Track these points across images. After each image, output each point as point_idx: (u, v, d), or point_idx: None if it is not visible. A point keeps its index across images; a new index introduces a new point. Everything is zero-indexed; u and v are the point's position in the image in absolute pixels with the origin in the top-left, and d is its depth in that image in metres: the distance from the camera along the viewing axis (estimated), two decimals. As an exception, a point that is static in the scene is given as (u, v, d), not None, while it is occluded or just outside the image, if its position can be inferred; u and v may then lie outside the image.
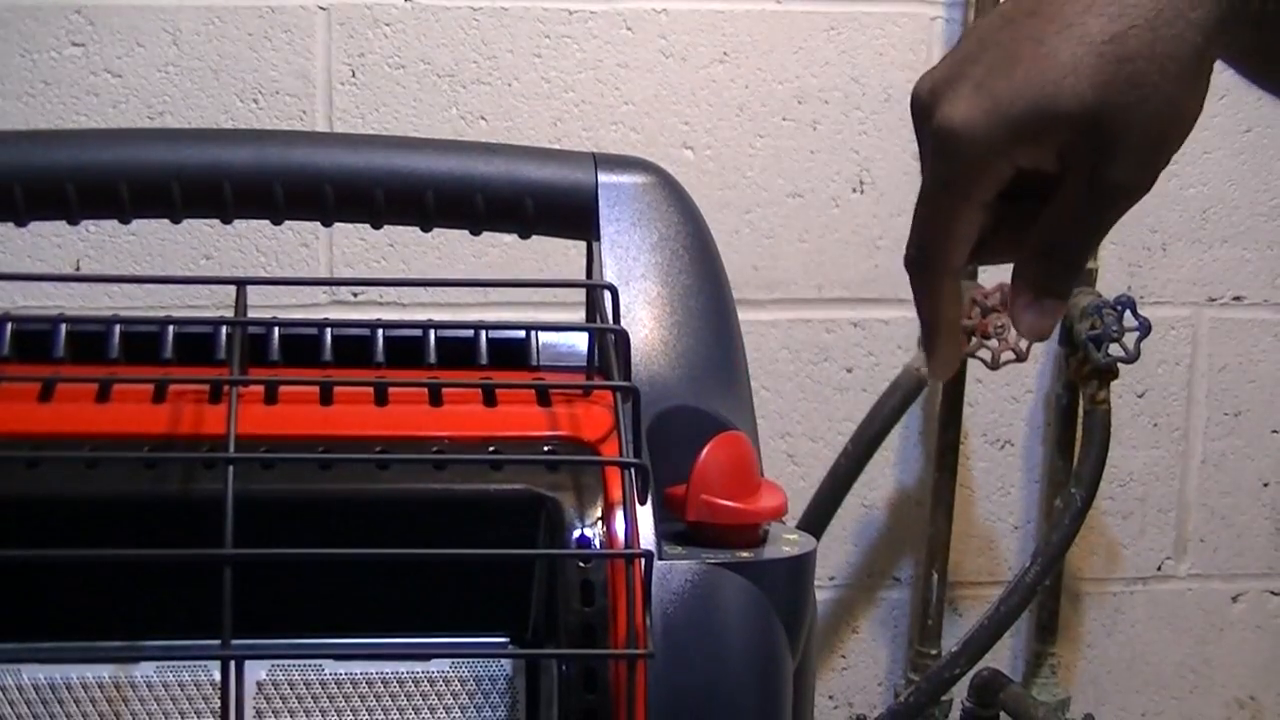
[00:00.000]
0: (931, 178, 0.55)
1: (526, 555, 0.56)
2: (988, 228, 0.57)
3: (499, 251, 1.37)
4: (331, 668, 0.55)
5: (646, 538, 0.54)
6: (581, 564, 0.54)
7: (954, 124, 0.53)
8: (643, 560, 0.53)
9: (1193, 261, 1.52)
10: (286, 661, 0.55)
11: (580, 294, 0.71)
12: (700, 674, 0.54)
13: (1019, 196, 0.56)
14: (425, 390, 0.59)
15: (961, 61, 0.55)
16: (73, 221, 0.63)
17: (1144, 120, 0.53)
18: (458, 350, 0.63)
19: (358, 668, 0.55)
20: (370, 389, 0.59)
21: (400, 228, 0.65)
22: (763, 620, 0.55)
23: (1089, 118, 0.52)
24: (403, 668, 0.55)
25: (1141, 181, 0.55)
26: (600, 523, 0.55)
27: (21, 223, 0.62)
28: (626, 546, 0.54)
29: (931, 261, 0.57)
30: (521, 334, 0.64)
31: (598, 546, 0.54)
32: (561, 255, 1.30)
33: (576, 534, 0.55)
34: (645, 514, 0.55)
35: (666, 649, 0.53)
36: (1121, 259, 1.50)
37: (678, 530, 0.57)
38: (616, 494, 0.55)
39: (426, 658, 0.56)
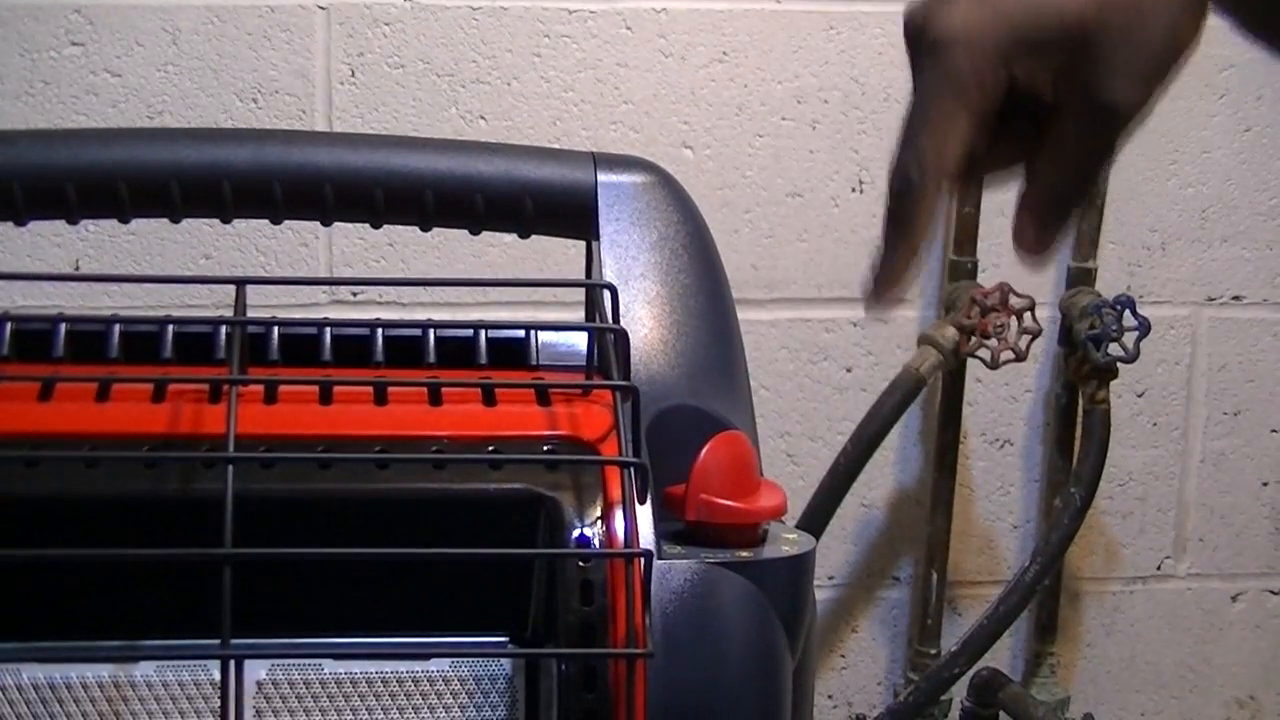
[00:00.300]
0: (929, 85, 0.55)
1: (526, 555, 0.56)
2: (982, 147, 0.57)
3: (498, 251, 1.37)
4: (331, 667, 0.55)
5: (646, 537, 0.54)
6: (581, 563, 0.54)
7: (953, 28, 0.54)
8: (642, 560, 0.53)
9: (1192, 261, 1.52)
10: (286, 661, 0.55)
11: (580, 293, 0.71)
12: (699, 673, 0.54)
13: (1014, 118, 0.56)
14: (425, 390, 0.59)
15: None
16: (72, 221, 0.63)
17: (1141, 38, 0.54)
18: (457, 350, 0.63)
19: (357, 667, 0.55)
20: (370, 388, 0.59)
21: (400, 227, 0.65)
22: (762, 619, 0.55)
23: (1087, 28, 0.53)
24: (402, 667, 0.55)
25: (1136, 101, 0.55)
26: (600, 522, 0.55)
27: (21, 222, 0.62)
28: (626, 546, 0.54)
29: (926, 172, 0.56)
30: (521, 333, 0.64)
31: (597, 546, 0.54)
32: (561, 255, 1.30)
33: (576, 533, 0.55)
34: (645, 513, 0.55)
35: (666, 648, 0.53)
36: (1121, 258, 1.50)
37: (677, 530, 0.57)
38: (616, 493, 0.55)
39: (426, 657, 0.56)
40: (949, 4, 0.55)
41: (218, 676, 0.51)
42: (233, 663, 0.51)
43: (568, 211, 0.64)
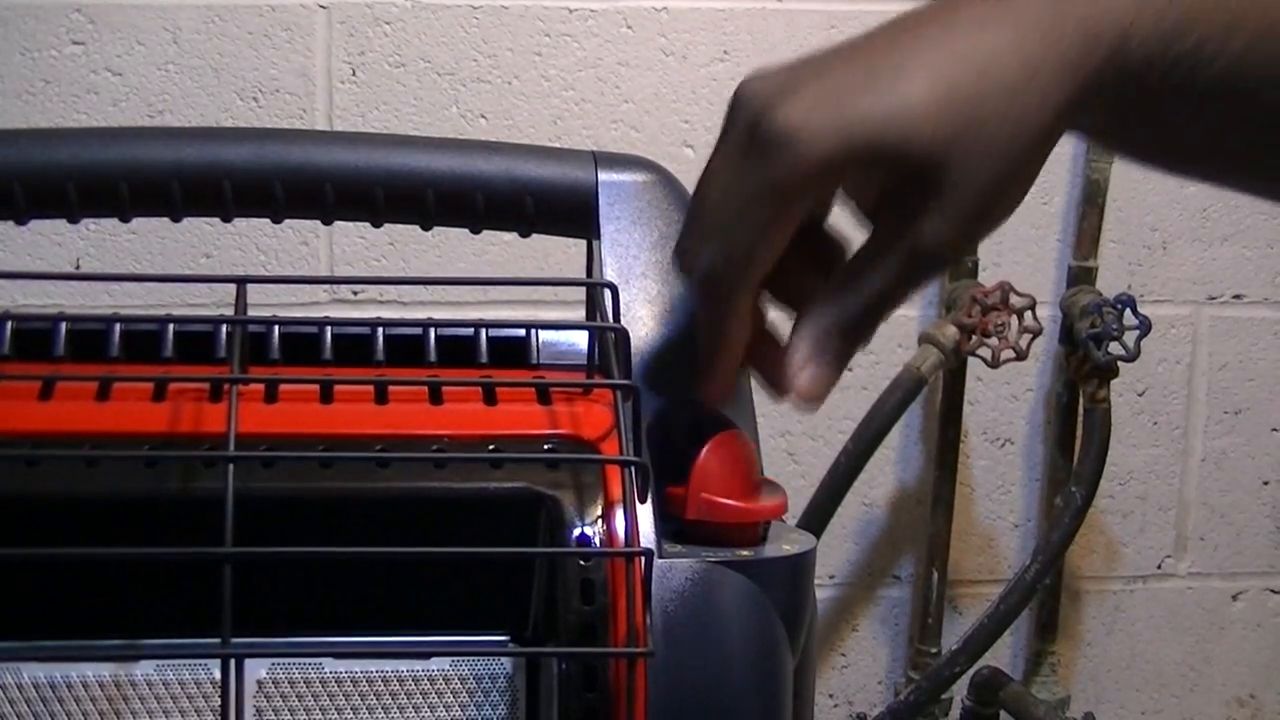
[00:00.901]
0: (755, 179, 0.52)
1: (526, 554, 0.56)
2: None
3: (499, 249, 1.37)
4: (332, 666, 0.55)
5: (646, 536, 0.54)
6: (581, 562, 0.54)
7: (793, 123, 0.50)
8: (643, 559, 0.53)
9: (1193, 260, 1.52)
10: (287, 660, 0.55)
11: (580, 292, 0.71)
12: (700, 672, 0.54)
13: (808, 238, 0.54)
14: (425, 389, 0.59)
15: (806, 72, 0.52)
16: (73, 220, 0.63)
17: (980, 184, 0.51)
18: (458, 348, 0.63)
19: (358, 666, 0.55)
20: (370, 387, 0.59)
21: (400, 226, 0.65)
22: (763, 619, 0.55)
23: (933, 160, 0.50)
24: (403, 666, 0.55)
25: (953, 247, 0.53)
26: (600, 521, 0.55)
27: (21, 221, 0.62)
28: (626, 545, 0.54)
29: (737, 273, 0.53)
30: (522, 332, 0.64)
31: (598, 545, 0.54)
32: (562, 253, 1.30)
33: (576, 532, 0.54)
34: (645, 512, 0.55)
35: (666, 647, 0.53)
36: (1121, 257, 1.50)
37: (678, 529, 0.57)
38: (616, 492, 0.55)
39: (426, 656, 0.56)
40: (791, 95, 0.51)
41: (218, 675, 0.51)
42: (233, 661, 0.51)
43: (568, 210, 0.64)
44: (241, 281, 0.59)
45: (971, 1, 0.52)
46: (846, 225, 0.56)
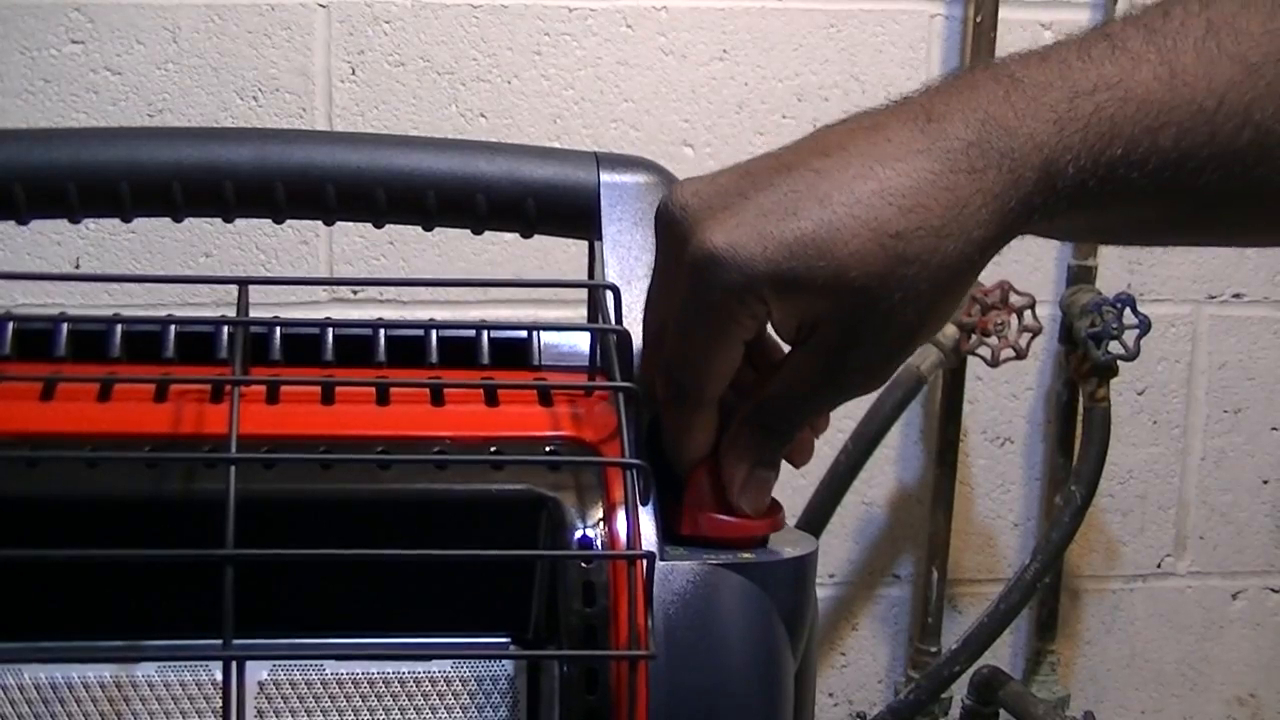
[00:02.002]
0: (694, 308, 0.52)
1: (528, 556, 0.56)
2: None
3: (500, 250, 1.37)
4: (333, 667, 0.55)
5: (648, 538, 0.54)
6: (583, 565, 0.54)
7: (719, 249, 0.50)
8: (644, 561, 0.53)
9: (1192, 259, 1.52)
10: (288, 661, 0.55)
11: (582, 292, 0.71)
12: (701, 675, 0.54)
13: None
14: (427, 390, 0.59)
15: (728, 192, 0.52)
16: (73, 220, 0.63)
17: (904, 320, 0.51)
18: (459, 350, 0.62)
19: (359, 668, 0.55)
20: (372, 389, 0.58)
21: (401, 226, 0.65)
22: (764, 621, 0.55)
23: (856, 300, 0.50)
24: (404, 668, 0.55)
25: (878, 375, 0.53)
26: (602, 523, 0.55)
27: (22, 221, 0.62)
28: (628, 547, 0.54)
29: (691, 396, 0.54)
30: (523, 334, 0.64)
31: (599, 547, 0.54)
32: (562, 253, 1.30)
33: (578, 535, 0.54)
34: (647, 515, 0.55)
35: (668, 650, 0.53)
36: (1121, 256, 1.50)
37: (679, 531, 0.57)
38: (618, 494, 0.55)
39: (428, 658, 0.55)
40: (716, 220, 0.51)
41: (219, 677, 0.51)
42: (235, 663, 0.51)
43: (570, 211, 0.64)
44: (243, 282, 0.59)
45: (896, 123, 0.52)
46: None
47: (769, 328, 0.54)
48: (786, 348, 0.55)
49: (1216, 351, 1.54)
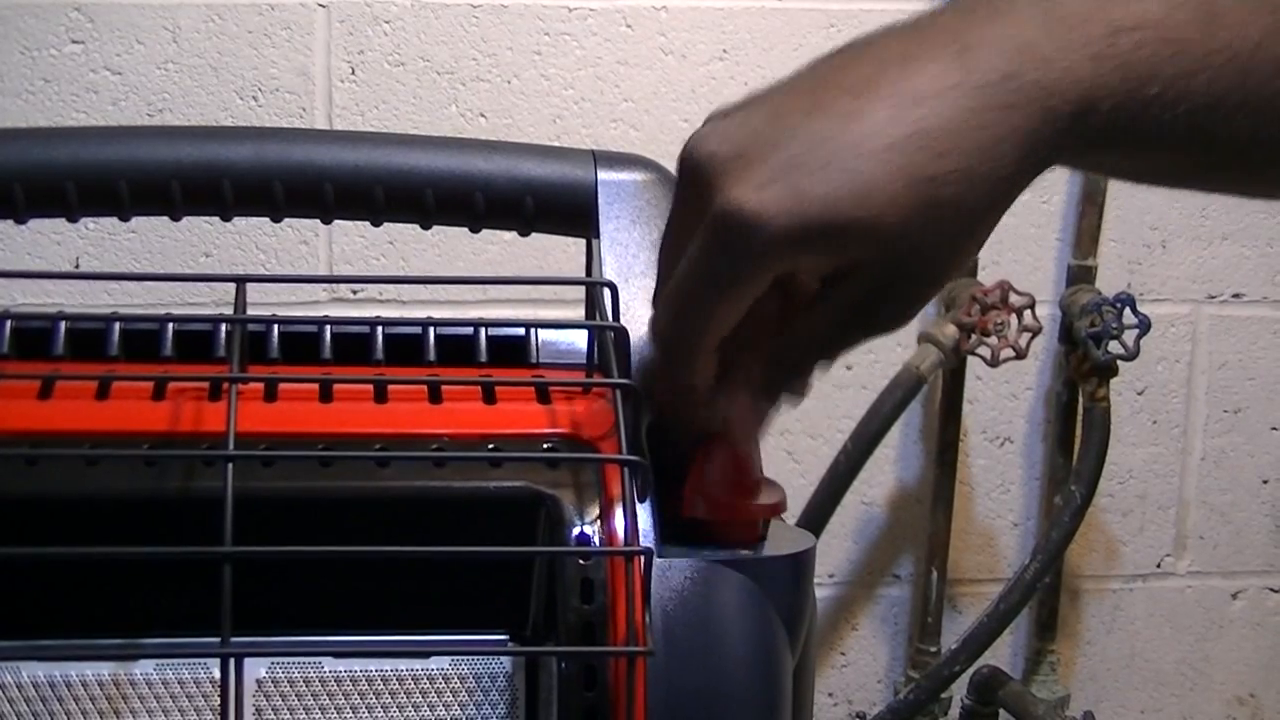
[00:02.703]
0: (707, 264, 0.51)
1: (526, 553, 0.56)
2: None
3: (498, 248, 1.37)
4: (331, 665, 0.55)
5: (646, 535, 0.54)
6: (581, 561, 0.54)
7: (746, 212, 0.49)
8: (642, 558, 0.53)
9: (1192, 258, 1.52)
10: (286, 659, 0.55)
11: (580, 291, 0.71)
12: (699, 672, 0.54)
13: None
14: (425, 388, 0.59)
15: (759, 139, 0.51)
16: (72, 219, 0.63)
17: (935, 264, 0.51)
18: (457, 347, 0.63)
19: (357, 665, 0.55)
20: (370, 386, 0.59)
21: (400, 225, 0.65)
22: (762, 618, 0.55)
23: (889, 248, 0.49)
24: (402, 665, 0.55)
25: (903, 319, 0.53)
26: (600, 520, 0.55)
27: (21, 220, 0.62)
28: (626, 544, 0.54)
29: (691, 344, 0.53)
30: (521, 331, 0.64)
31: (597, 544, 0.54)
32: (561, 252, 1.30)
33: (576, 531, 0.54)
34: (645, 511, 0.55)
35: (666, 646, 0.53)
36: (1121, 256, 1.50)
37: (677, 528, 0.57)
38: (616, 491, 0.55)
39: (426, 655, 0.56)
40: (746, 172, 0.50)
41: (218, 674, 0.51)
42: (233, 660, 0.51)
43: (568, 209, 0.64)
44: (241, 280, 0.59)
45: (927, 54, 0.50)
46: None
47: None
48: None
49: (1216, 351, 1.54)
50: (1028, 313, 1.39)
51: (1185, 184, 0.58)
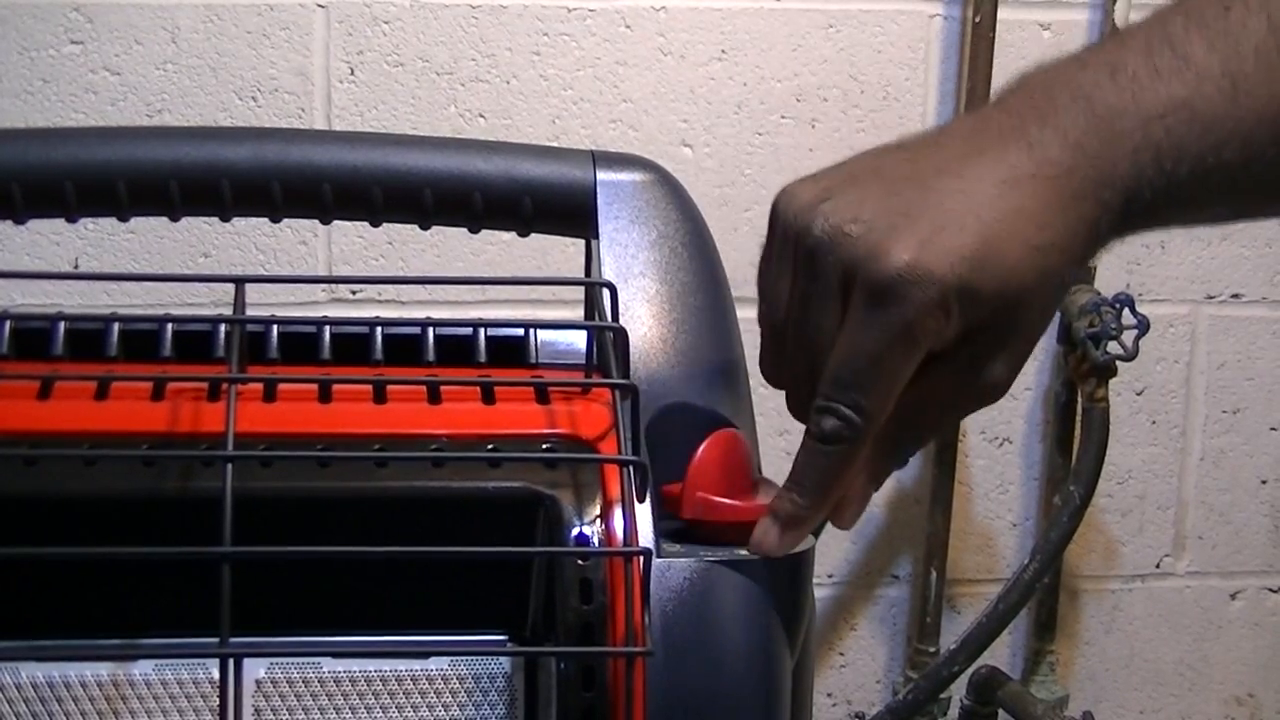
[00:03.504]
0: (880, 328, 0.52)
1: (525, 553, 0.56)
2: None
3: (497, 249, 1.37)
4: (330, 665, 0.55)
5: (645, 535, 0.55)
6: (580, 562, 0.54)
7: (908, 265, 0.51)
8: (641, 558, 0.53)
9: (1191, 259, 1.52)
10: (285, 659, 0.55)
11: (579, 291, 0.71)
12: (698, 672, 0.54)
13: None
14: (424, 388, 0.59)
15: (889, 209, 0.53)
16: (71, 219, 0.63)
17: (1035, 330, 0.55)
18: (456, 348, 0.63)
19: (356, 665, 0.55)
20: (369, 387, 0.59)
21: (399, 225, 0.65)
22: (761, 618, 0.55)
23: (1011, 310, 0.53)
24: (401, 665, 0.55)
25: (1006, 385, 0.55)
26: (599, 520, 0.55)
27: (20, 220, 0.62)
28: (625, 544, 0.54)
29: (870, 423, 0.54)
30: (520, 332, 0.64)
31: (596, 544, 0.54)
32: (560, 252, 1.30)
33: (575, 532, 0.55)
34: (644, 512, 0.55)
35: (665, 647, 0.53)
36: (1120, 256, 1.50)
37: (676, 528, 0.57)
38: (615, 492, 0.55)
39: (425, 655, 0.56)
40: (889, 237, 0.52)
41: (217, 675, 0.51)
42: (232, 661, 0.51)
43: (567, 210, 0.64)
44: (240, 281, 0.59)
45: (1000, 149, 0.53)
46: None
47: None
48: None
49: (1215, 351, 1.54)
50: (1027, 313, 1.39)
51: (1237, 221, 0.61)
